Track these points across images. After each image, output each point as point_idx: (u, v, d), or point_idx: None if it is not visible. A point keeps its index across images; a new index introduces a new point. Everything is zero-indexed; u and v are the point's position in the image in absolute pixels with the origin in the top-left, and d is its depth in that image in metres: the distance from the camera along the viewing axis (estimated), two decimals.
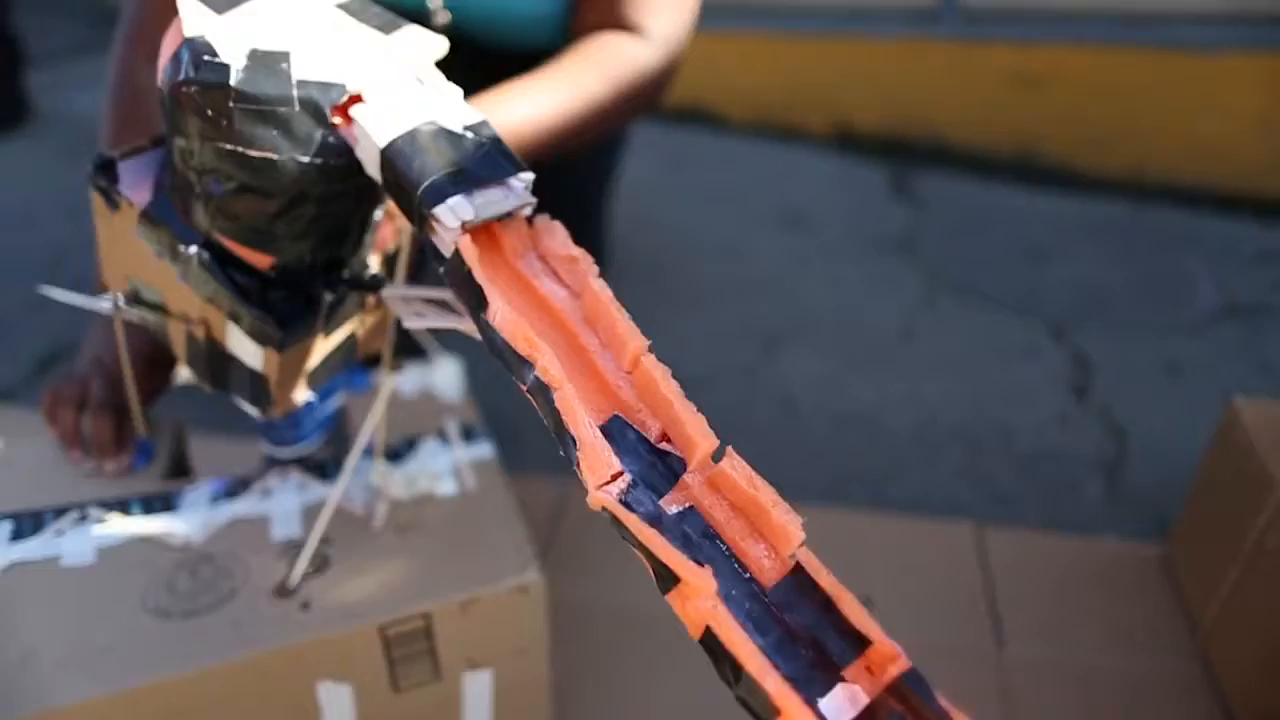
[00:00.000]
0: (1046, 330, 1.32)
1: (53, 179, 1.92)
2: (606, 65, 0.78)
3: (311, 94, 0.43)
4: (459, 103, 0.46)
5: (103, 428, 0.71)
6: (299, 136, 0.43)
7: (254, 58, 0.43)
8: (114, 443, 0.72)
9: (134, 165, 0.54)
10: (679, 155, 1.91)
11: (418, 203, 0.40)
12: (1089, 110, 1.84)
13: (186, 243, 0.48)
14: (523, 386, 0.37)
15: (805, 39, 2.04)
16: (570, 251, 0.41)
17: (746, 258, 1.53)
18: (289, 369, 0.52)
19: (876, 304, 1.39)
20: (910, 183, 1.83)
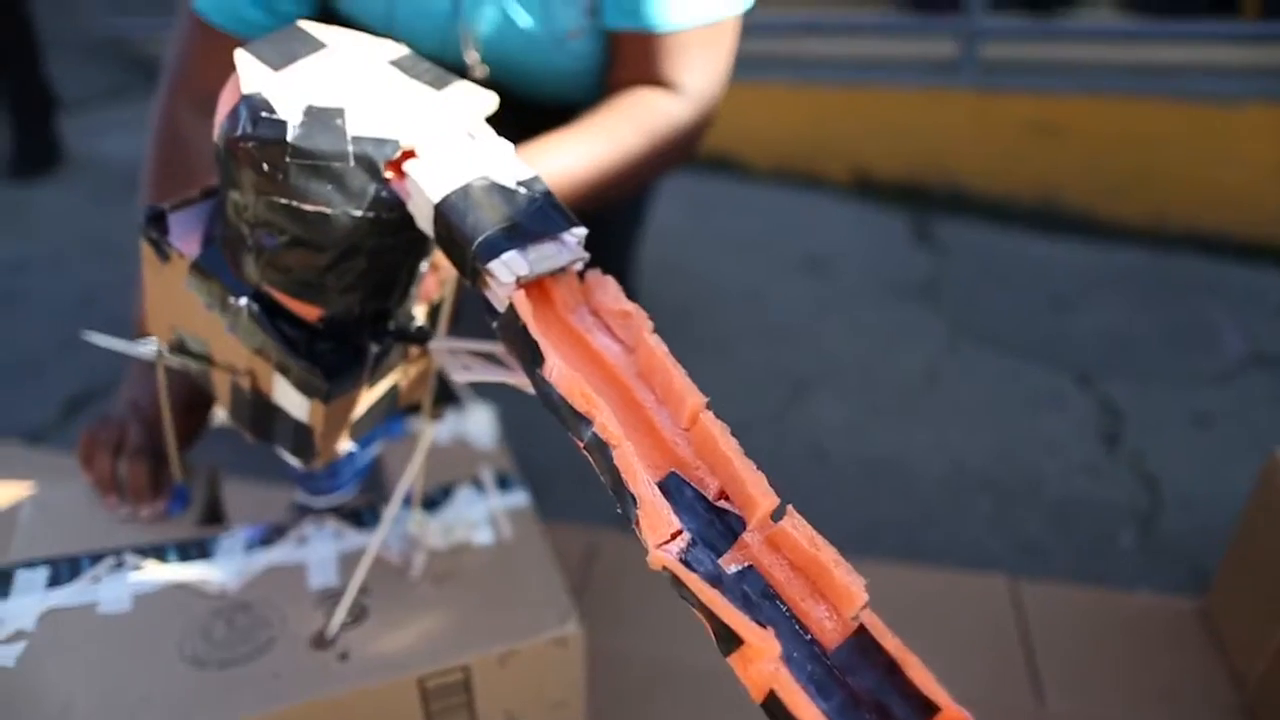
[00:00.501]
0: (1072, 378, 1.31)
1: (84, 222, 1.95)
2: (642, 119, 0.79)
3: (366, 149, 0.44)
4: (510, 158, 0.46)
5: (139, 473, 0.71)
6: (353, 191, 0.44)
7: (310, 114, 0.44)
8: (150, 488, 0.72)
9: (183, 217, 0.55)
10: (703, 202, 1.93)
11: (471, 257, 0.41)
12: (1108, 159, 1.85)
13: (237, 295, 0.49)
14: (579, 443, 0.37)
15: (827, 88, 2.07)
16: (624, 306, 0.41)
17: (771, 304, 1.54)
18: (334, 420, 0.53)
19: (900, 350, 1.39)
20: (931, 230, 1.84)
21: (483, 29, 0.84)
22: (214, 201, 0.56)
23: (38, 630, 0.62)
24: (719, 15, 0.82)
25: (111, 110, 2.92)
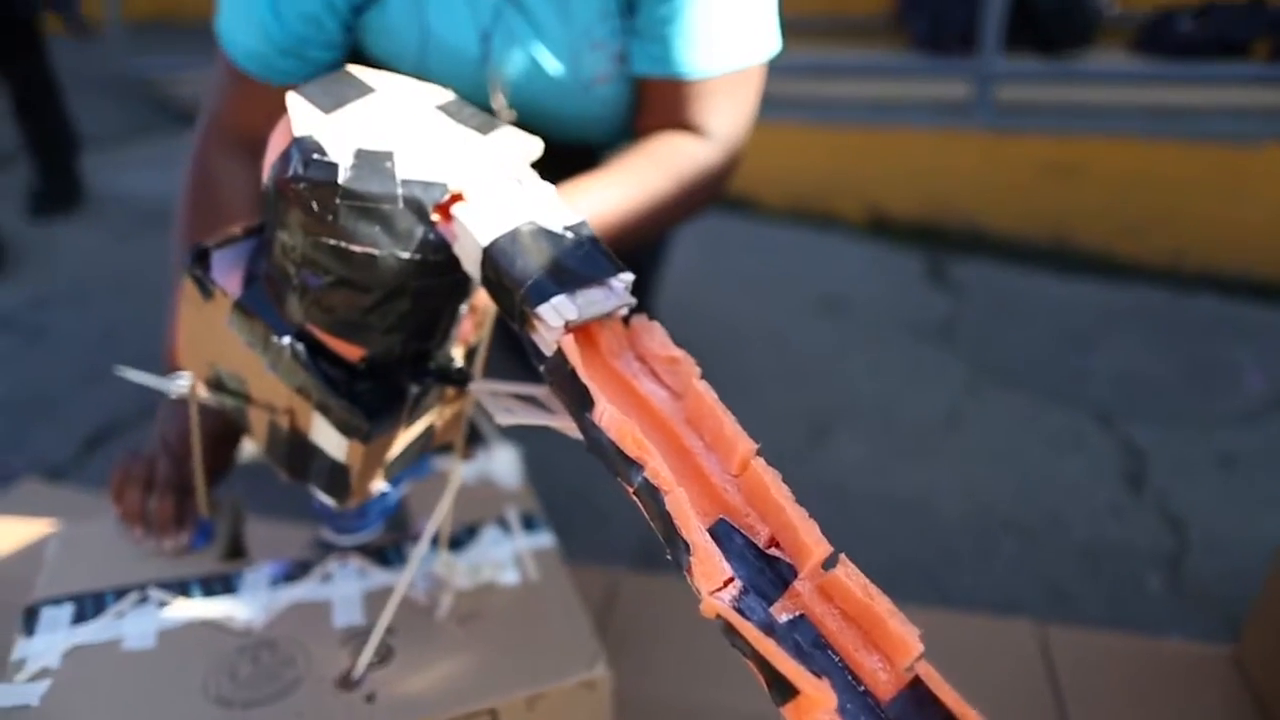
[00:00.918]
0: (1094, 419, 1.30)
1: (105, 258, 1.98)
2: (670, 163, 0.80)
3: (415, 192, 0.44)
4: (557, 202, 0.47)
5: (166, 507, 0.72)
6: (400, 233, 0.45)
7: (360, 156, 0.45)
8: (175, 522, 0.72)
9: (226, 255, 0.55)
10: (719, 242, 1.94)
11: (520, 301, 0.41)
12: (1124, 199, 1.86)
13: (279, 334, 0.49)
14: (629, 488, 0.37)
15: (842, 129, 2.09)
16: (671, 352, 0.41)
17: (790, 344, 1.54)
18: (371, 460, 0.53)
19: (920, 391, 1.39)
20: (947, 270, 1.85)
21: (511, 74, 0.85)
22: (255, 240, 0.57)
23: (62, 668, 0.61)
24: (746, 62, 0.83)
25: (133, 148, 2.96)
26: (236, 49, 0.83)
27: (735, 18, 0.81)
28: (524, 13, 0.82)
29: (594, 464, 1.16)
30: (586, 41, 0.83)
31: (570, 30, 0.83)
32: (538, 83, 0.85)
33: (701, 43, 0.80)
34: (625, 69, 0.85)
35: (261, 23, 0.80)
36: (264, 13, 0.80)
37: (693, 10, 0.79)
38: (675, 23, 0.80)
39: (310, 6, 0.80)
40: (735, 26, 0.81)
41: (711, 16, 0.80)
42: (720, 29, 0.80)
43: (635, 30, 0.83)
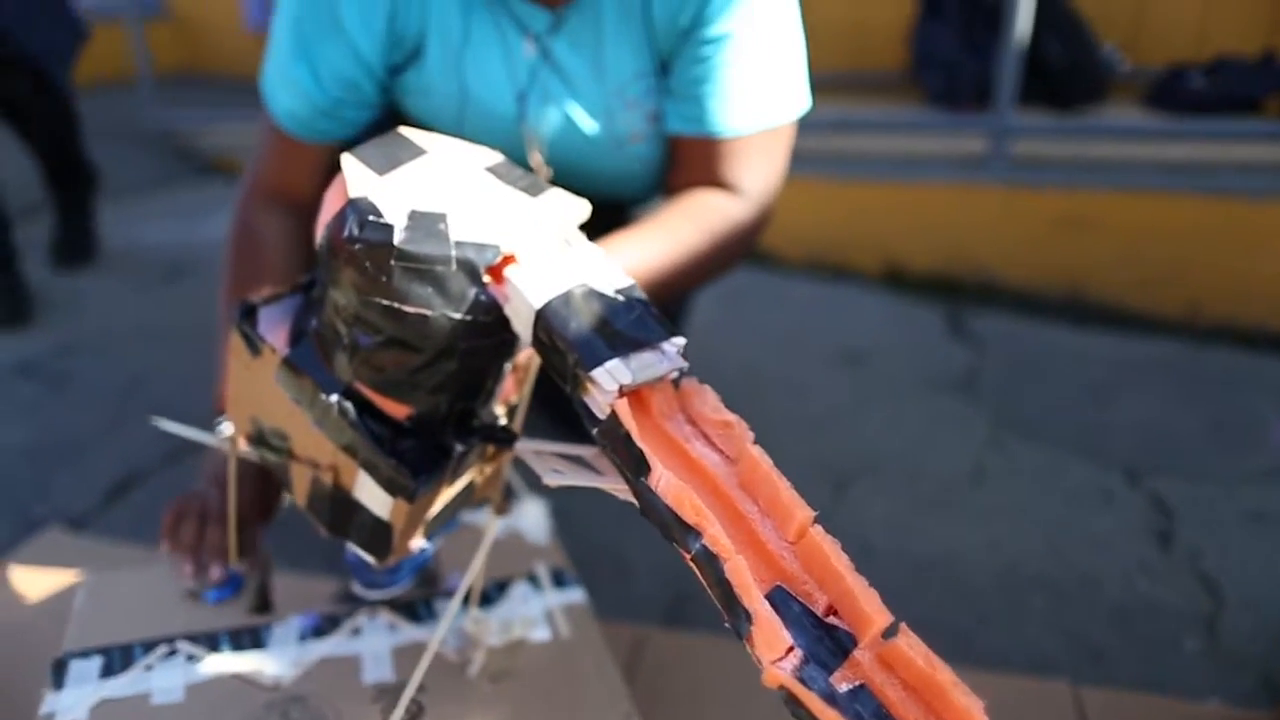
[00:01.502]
0: (1120, 475, 1.29)
1: (129, 307, 2.00)
2: (704, 220, 0.81)
3: (468, 254, 0.45)
4: (607, 265, 0.47)
5: (215, 536, 0.73)
6: (453, 294, 0.45)
7: (414, 218, 0.45)
8: (223, 551, 0.73)
9: (272, 311, 0.56)
10: (736, 294, 1.95)
11: (573, 364, 0.41)
12: (1139, 253, 1.87)
13: (327, 391, 0.50)
14: (685, 554, 0.37)
15: (858, 183, 2.11)
16: (725, 416, 0.42)
17: (810, 396, 1.54)
18: (413, 519, 0.53)
19: (942, 445, 1.38)
20: (965, 323, 1.85)
21: (547, 132, 0.87)
22: (301, 296, 0.58)
23: None
24: (777, 121, 0.85)
25: (157, 199, 3.01)
26: (278, 109, 0.85)
27: (767, 77, 0.83)
28: (559, 73, 0.84)
29: (620, 518, 1.15)
30: (621, 100, 0.85)
31: (605, 89, 0.85)
32: (573, 140, 0.87)
33: (734, 102, 0.82)
34: (659, 127, 0.87)
35: (301, 85, 0.82)
36: (304, 75, 0.82)
37: (726, 70, 0.81)
38: (709, 82, 0.82)
39: (348, 69, 0.82)
40: (767, 86, 0.83)
41: (744, 76, 0.82)
42: (753, 88, 0.82)
43: (669, 90, 0.85)
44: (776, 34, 0.82)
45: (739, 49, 0.81)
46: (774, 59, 0.83)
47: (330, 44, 0.81)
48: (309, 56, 0.82)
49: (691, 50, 0.81)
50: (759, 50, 0.82)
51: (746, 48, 0.81)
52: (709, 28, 0.80)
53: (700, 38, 0.80)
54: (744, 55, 0.81)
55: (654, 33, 0.82)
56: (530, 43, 0.83)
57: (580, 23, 0.82)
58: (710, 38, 0.80)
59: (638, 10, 0.81)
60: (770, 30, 0.82)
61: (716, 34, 0.80)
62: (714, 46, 0.80)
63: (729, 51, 0.81)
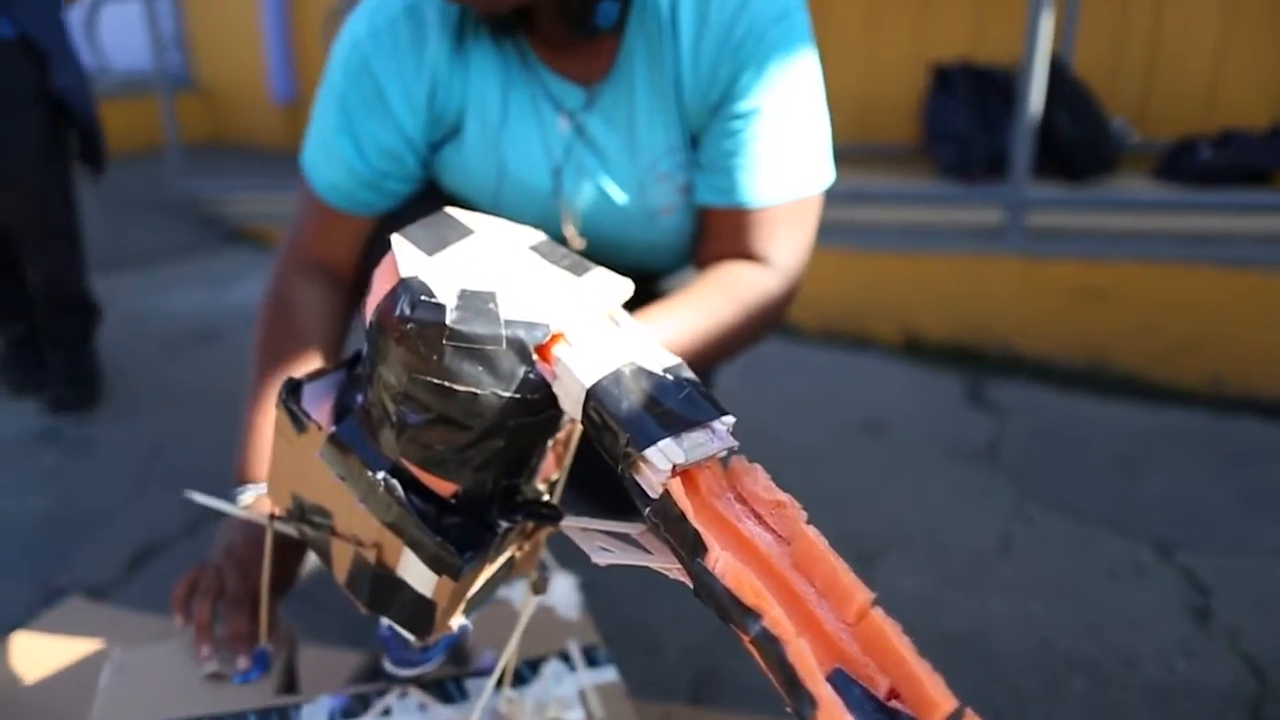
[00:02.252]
0: (1151, 548, 1.27)
1: (151, 373, 2.02)
2: (736, 293, 0.82)
3: (518, 333, 0.46)
4: (654, 344, 0.48)
5: (238, 623, 0.71)
6: (503, 373, 0.46)
7: (464, 297, 0.46)
8: (246, 639, 0.71)
9: (316, 387, 0.57)
10: (754, 362, 1.95)
11: (625, 443, 0.41)
12: (1160, 324, 1.87)
13: (374, 468, 0.50)
14: (744, 636, 0.37)
15: (873, 252, 2.13)
16: (777, 496, 0.41)
17: (831, 467, 1.53)
18: (456, 596, 0.52)
19: (968, 517, 1.36)
20: (985, 392, 1.85)
21: (581, 205, 0.89)
22: (344, 373, 0.58)
23: None
24: (804, 193, 0.86)
25: (180, 265, 3.06)
26: (319, 180, 0.87)
27: (795, 150, 0.85)
28: (593, 147, 0.86)
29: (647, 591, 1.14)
30: (653, 174, 0.87)
31: (637, 163, 0.87)
32: (606, 213, 0.89)
33: (764, 174, 0.84)
34: (690, 199, 0.89)
35: (345, 158, 0.85)
36: (347, 148, 0.84)
37: (756, 143, 0.83)
38: (739, 155, 0.84)
39: (390, 143, 0.85)
40: (795, 158, 0.85)
41: (773, 149, 0.84)
42: (781, 161, 0.84)
43: (699, 162, 0.87)
44: (803, 109, 0.85)
45: (768, 123, 0.83)
46: (801, 133, 0.85)
47: (374, 119, 0.84)
48: (353, 131, 0.84)
49: (721, 124, 0.84)
50: (787, 124, 0.84)
51: (775, 122, 0.83)
52: (739, 103, 0.82)
53: (730, 112, 0.83)
54: (772, 129, 0.83)
55: (685, 107, 0.84)
56: (565, 119, 0.86)
57: (614, 99, 0.85)
58: (740, 112, 0.82)
59: (670, 86, 0.83)
60: (797, 105, 0.84)
61: (746, 109, 0.82)
62: (744, 121, 0.83)
63: (758, 125, 0.83)
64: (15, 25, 1.53)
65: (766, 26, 0.81)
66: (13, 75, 1.54)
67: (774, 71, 0.82)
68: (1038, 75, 1.91)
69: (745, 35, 0.81)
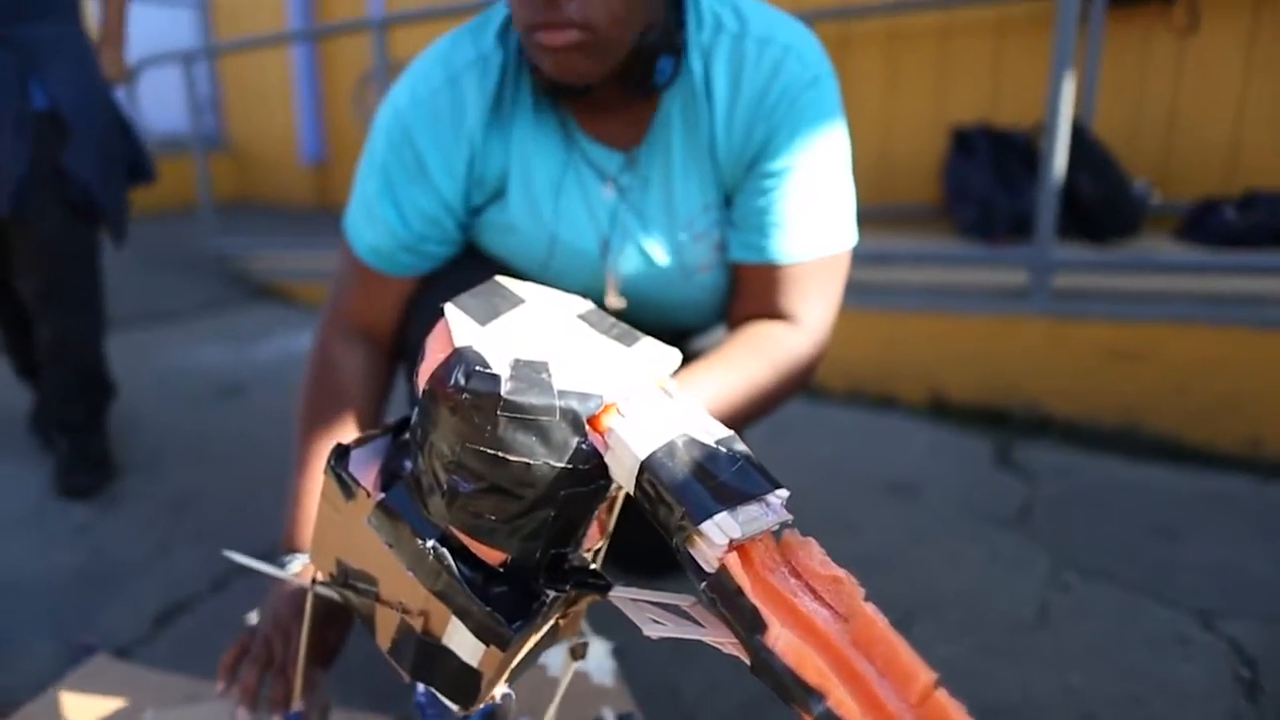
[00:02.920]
0: (1194, 618, 1.24)
1: (178, 429, 2.03)
2: (768, 353, 0.83)
3: (571, 404, 0.46)
4: (705, 414, 0.48)
5: (282, 690, 0.72)
6: (556, 443, 0.46)
7: (518, 368, 0.46)
8: (286, 704, 0.72)
9: (362, 453, 0.57)
10: (779, 422, 1.94)
11: (681, 516, 0.41)
12: (1193, 385, 1.85)
13: (423, 536, 0.50)
14: (806, 716, 0.36)
15: (897, 313, 2.13)
16: (834, 571, 0.41)
17: (861, 531, 1.51)
18: (503, 665, 0.52)
19: (1003, 583, 1.34)
20: (1014, 454, 1.83)
21: (625, 268, 0.90)
22: (390, 439, 0.59)
23: None
24: (832, 250, 0.88)
25: (207, 321, 3.11)
26: (360, 244, 0.89)
27: (824, 209, 0.87)
28: (634, 210, 0.88)
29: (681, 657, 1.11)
30: (690, 233, 0.89)
31: (675, 223, 0.89)
32: (647, 274, 0.91)
33: (794, 231, 0.86)
34: (724, 257, 0.91)
35: (386, 222, 0.87)
36: (389, 214, 0.86)
37: (787, 202, 0.86)
38: (771, 213, 0.86)
39: (431, 209, 0.87)
40: (824, 217, 0.87)
41: (803, 208, 0.86)
42: (811, 219, 0.87)
43: (732, 220, 0.89)
44: (832, 169, 0.87)
45: (799, 182, 0.85)
46: (830, 193, 0.87)
47: (415, 186, 0.86)
48: (395, 197, 0.86)
49: (755, 182, 0.86)
50: (817, 184, 0.86)
51: (805, 181, 0.86)
52: (772, 162, 0.85)
53: (763, 171, 0.85)
54: (803, 188, 0.86)
55: (719, 167, 0.87)
56: (609, 185, 0.88)
57: (651, 161, 0.87)
58: (773, 171, 0.85)
59: (705, 147, 0.86)
60: (827, 166, 0.87)
61: (778, 168, 0.85)
62: (776, 179, 0.85)
63: (789, 184, 0.85)
64: (49, 98, 1.52)
65: (799, 91, 0.84)
66: (39, 148, 1.52)
67: (805, 134, 0.85)
68: (1061, 138, 1.93)
69: (779, 99, 0.83)
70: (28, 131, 1.50)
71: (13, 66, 1.47)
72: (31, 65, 1.49)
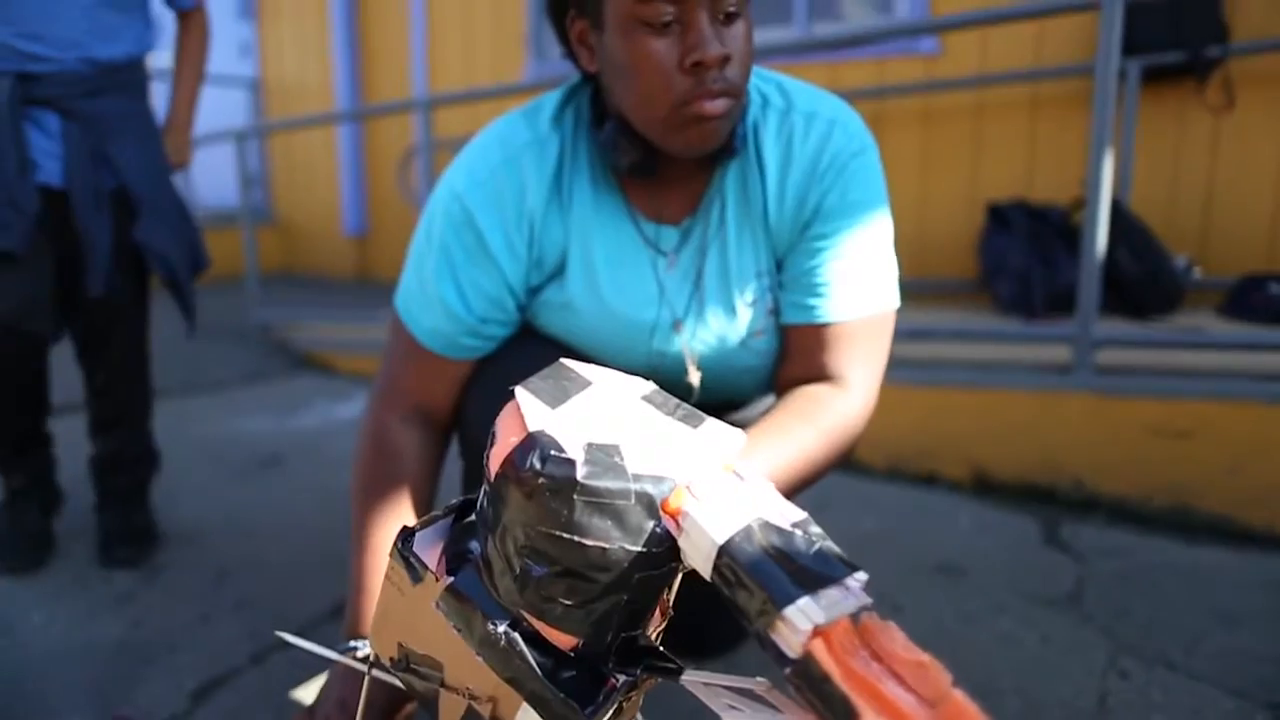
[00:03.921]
0: (1267, 713, 1.19)
1: (219, 499, 2.05)
2: (819, 421, 0.84)
3: (646, 488, 0.46)
4: (776, 496, 0.48)
5: None
6: (631, 528, 0.46)
7: (590, 451, 0.46)
8: None
9: (426, 535, 0.57)
10: (822, 499, 1.93)
11: (762, 602, 0.41)
12: (1248, 465, 1.80)
13: (495, 620, 0.49)
14: None
15: (941, 388, 2.11)
16: (918, 656, 0.40)
17: (906, 611, 1.47)
18: None
19: (1060, 670, 1.29)
20: (1062, 533, 1.78)
21: (693, 341, 0.92)
22: (452, 520, 0.59)
23: None
24: (879, 309, 0.90)
25: (249, 390, 3.15)
26: (418, 328, 0.90)
27: (869, 270, 0.90)
28: (692, 281, 0.91)
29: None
30: (746, 300, 0.91)
31: (730, 290, 0.91)
32: (710, 344, 0.93)
33: (842, 291, 0.89)
34: (777, 320, 0.93)
35: (448, 306, 0.88)
36: (450, 297, 0.88)
37: (835, 263, 0.88)
38: (820, 274, 0.89)
39: (494, 289, 0.88)
40: (869, 277, 0.90)
41: (851, 268, 0.89)
42: (858, 279, 0.89)
43: (783, 284, 0.91)
44: (877, 233, 0.90)
45: (846, 245, 0.88)
46: (875, 254, 0.90)
47: (477, 268, 0.88)
48: (456, 279, 0.88)
49: (806, 244, 0.89)
50: (864, 246, 0.89)
51: (853, 244, 0.89)
52: (823, 225, 0.88)
53: (814, 234, 0.89)
54: (850, 250, 0.89)
55: (771, 233, 0.89)
56: (664, 259, 0.90)
57: (706, 232, 0.90)
58: (823, 233, 0.88)
59: (758, 214, 0.89)
60: (872, 229, 0.90)
61: (827, 230, 0.88)
62: (826, 241, 0.88)
63: (838, 247, 0.88)
64: (115, 176, 1.55)
65: (847, 159, 0.88)
66: (105, 222, 1.53)
67: (854, 199, 0.88)
68: (1101, 213, 1.93)
69: (828, 167, 0.88)
70: (107, 207, 1.54)
71: (85, 142, 1.51)
72: (102, 141, 1.54)
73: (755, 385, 1.00)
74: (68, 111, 1.49)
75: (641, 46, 0.76)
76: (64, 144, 1.50)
